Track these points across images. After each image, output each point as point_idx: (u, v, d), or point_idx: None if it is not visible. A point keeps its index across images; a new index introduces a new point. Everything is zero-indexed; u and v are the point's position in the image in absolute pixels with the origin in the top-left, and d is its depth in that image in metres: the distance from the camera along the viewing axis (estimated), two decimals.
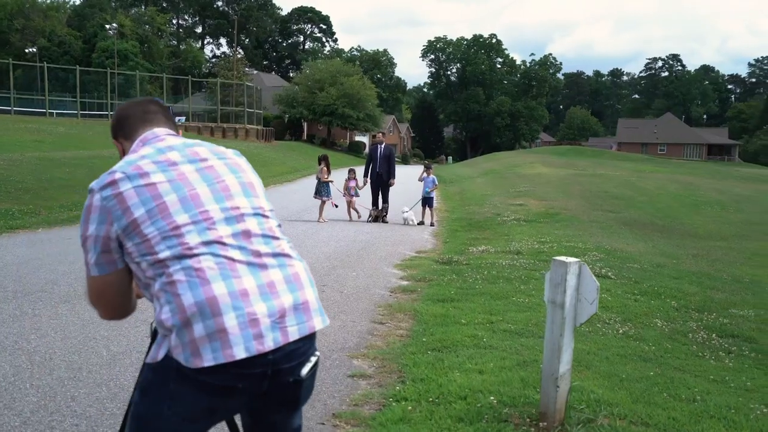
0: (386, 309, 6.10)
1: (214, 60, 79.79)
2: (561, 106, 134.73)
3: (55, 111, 38.79)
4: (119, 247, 1.70)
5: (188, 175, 1.75)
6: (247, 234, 1.73)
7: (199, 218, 1.69)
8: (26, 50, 62.34)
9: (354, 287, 7.09)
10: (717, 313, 6.60)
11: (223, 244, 1.68)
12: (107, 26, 62.64)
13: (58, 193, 14.51)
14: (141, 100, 2.02)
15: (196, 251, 1.64)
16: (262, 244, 1.74)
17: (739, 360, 4.98)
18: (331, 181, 14.11)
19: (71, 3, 72.49)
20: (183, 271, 1.62)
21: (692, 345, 5.29)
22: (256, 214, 1.79)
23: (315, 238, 10.90)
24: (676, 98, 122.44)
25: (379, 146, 14.76)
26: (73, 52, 58.65)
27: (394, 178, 14.62)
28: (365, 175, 14.52)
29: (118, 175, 1.70)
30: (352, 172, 14.69)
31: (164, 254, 1.63)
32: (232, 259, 1.67)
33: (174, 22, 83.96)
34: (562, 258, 3.21)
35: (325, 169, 14.07)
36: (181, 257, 1.63)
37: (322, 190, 13.92)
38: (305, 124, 58.58)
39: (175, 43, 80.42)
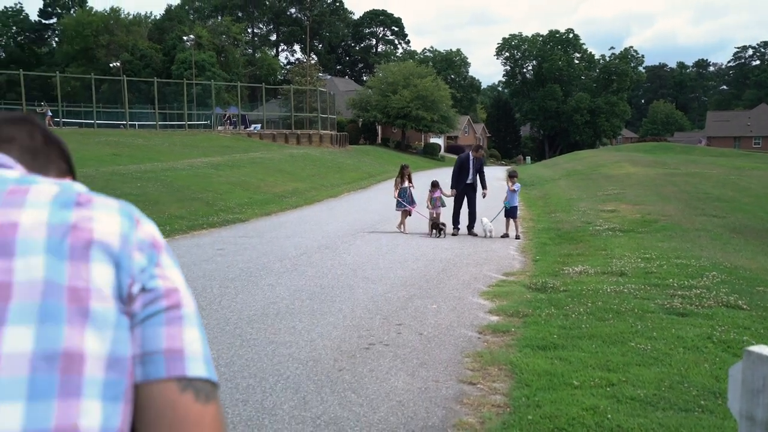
0: (476, 360, 5.05)
1: (288, 67, 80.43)
2: (642, 101, 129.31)
3: (136, 123, 39.67)
4: None
5: None
6: None
7: None
8: (111, 65, 64.60)
9: (435, 326, 6.08)
10: None
11: None
12: (185, 38, 64.10)
13: None
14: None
15: None
16: None
17: None
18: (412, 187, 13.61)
19: (152, 17, 74.68)
20: None
21: None
22: None
23: (390, 258, 9.94)
24: None
25: (470, 156, 13.74)
26: (154, 65, 60.28)
27: (485, 188, 13.76)
28: (454, 186, 13.55)
29: None
30: (436, 184, 13.65)
31: None
32: None
33: (249, 31, 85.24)
34: (761, 349, 2.10)
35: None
36: None
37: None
38: (379, 128, 57.98)
39: (251, 51, 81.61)
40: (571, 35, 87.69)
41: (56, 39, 75.53)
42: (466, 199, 13.42)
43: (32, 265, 0.79)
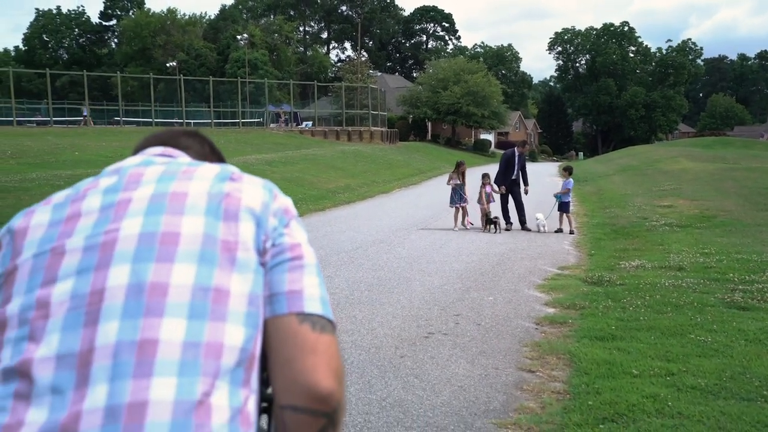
0: (534, 349, 5.14)
1: (339, 64, 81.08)
2: (701, 94, 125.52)
3: (192, 121, 40.66)
4: None
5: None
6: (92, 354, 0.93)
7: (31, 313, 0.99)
8: (167, 64, 66.33)
9: (492, 317, 6.19)
10: None
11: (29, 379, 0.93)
12: (239, 37, 65.28)
13: None
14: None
15: None
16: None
17: None
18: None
19: (207, 17, 76.29)
20: None
21: None
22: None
23: (444, 252, 10.07)
24: None
25: (516, 152, 13.72)
26: (208, 64, 61.62)
27: (527, 185, 13.77)
28: (501, 183, 13.56)
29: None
30: (486, 177, 13.70)
31: None
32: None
33: (301, 29, 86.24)
34: None
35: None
36: None
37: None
38: (429, 124, 57.99)
39: (302, 49, 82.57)
40: (626, 28, 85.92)
41: (115, 40, 77.94)
42: (511, 195, 13.48)
43: (195, 222, 1.05)
